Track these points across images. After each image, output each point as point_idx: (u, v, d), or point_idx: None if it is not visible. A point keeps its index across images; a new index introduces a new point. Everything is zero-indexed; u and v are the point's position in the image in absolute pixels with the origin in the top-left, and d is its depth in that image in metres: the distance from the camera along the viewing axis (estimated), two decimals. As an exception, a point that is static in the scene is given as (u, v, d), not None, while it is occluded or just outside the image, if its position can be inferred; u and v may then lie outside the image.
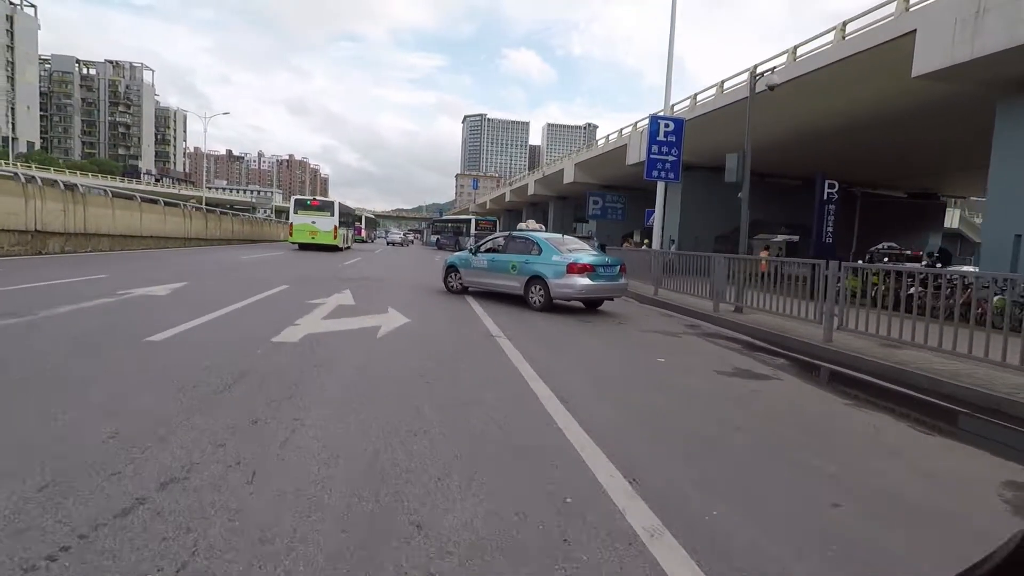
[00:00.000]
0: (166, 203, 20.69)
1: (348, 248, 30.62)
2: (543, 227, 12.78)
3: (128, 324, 5.91)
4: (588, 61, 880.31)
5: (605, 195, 35.88)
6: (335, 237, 26.20)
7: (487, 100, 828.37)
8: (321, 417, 3.44)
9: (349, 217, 33.11)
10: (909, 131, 17.40)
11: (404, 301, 9.50)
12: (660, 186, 18.45)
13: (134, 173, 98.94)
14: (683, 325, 9.30)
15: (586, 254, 9.85)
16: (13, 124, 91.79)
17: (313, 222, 25.95)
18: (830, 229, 21.25)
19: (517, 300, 9.99)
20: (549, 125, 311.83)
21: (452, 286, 11.45)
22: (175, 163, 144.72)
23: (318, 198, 30.09)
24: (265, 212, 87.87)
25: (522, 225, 12.43)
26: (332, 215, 26.38)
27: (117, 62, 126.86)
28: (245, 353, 4.96)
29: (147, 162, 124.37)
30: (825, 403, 4.97)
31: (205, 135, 63.41)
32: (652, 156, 16.51)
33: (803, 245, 22.82)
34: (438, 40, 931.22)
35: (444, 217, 73.69)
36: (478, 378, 4.75)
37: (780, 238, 24.69)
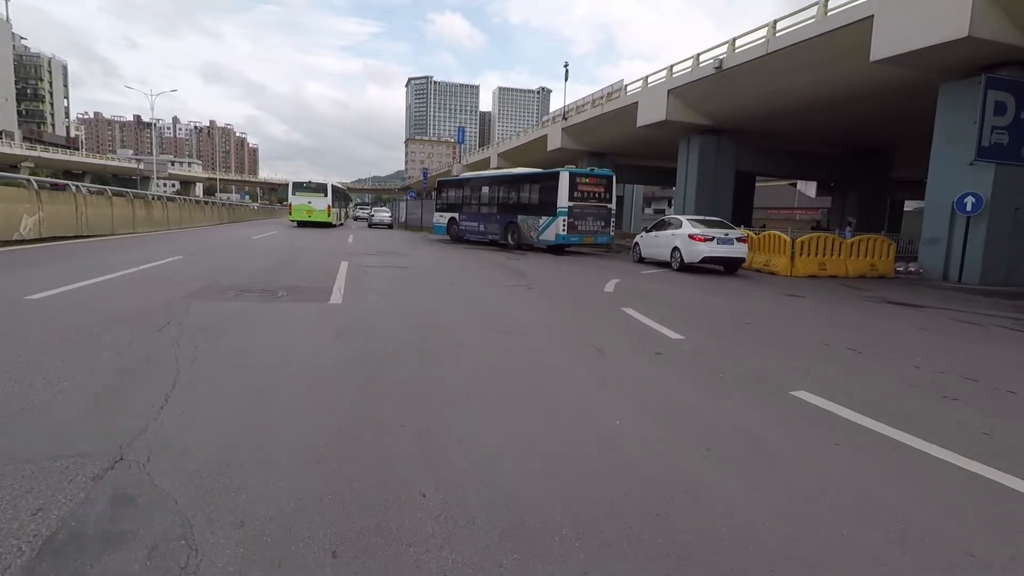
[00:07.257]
0: None
1: (341, 225, 34.26)
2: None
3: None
4: (526, 31, 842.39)
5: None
6: (328, 215, 29.47)
7: (423, 70, 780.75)
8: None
9: (342, 197, 37.24)
10: None
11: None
12: None
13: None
14: None
15: None
16: None
17: (309, 202, 29.08)
18: None
19: None
20: (501, 89, 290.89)
21: None
22: (54, 126, 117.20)
23: (312, 180, 31.36)
24: (161, 185, 67.19)
25: None
26: (326, 195, 29.60)
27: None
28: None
29: (7, 122, 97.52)
30: None
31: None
32: None
33: None
34: (365, 5, 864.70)
35: (463, 175, 25.50)
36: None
37: None
